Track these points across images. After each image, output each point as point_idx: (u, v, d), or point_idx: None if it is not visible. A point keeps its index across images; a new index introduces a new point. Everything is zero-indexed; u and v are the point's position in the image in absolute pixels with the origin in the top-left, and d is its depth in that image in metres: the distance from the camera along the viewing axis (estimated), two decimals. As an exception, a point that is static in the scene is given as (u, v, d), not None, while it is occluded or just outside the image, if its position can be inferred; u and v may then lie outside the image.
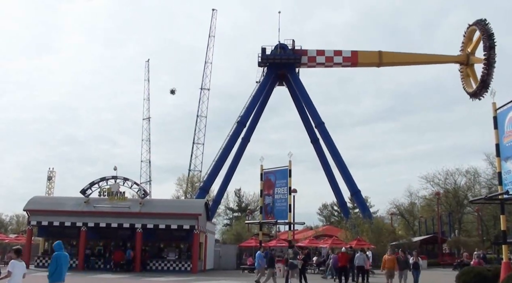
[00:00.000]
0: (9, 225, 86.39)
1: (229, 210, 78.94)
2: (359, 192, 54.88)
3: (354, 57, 57.87)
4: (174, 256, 36.74)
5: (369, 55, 58.25)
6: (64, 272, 12.53)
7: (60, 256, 12.57)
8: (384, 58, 58.03)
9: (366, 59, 58.31)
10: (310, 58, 57.98)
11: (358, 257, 28.05)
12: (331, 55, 57.78)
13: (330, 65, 58.91)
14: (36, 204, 37.63)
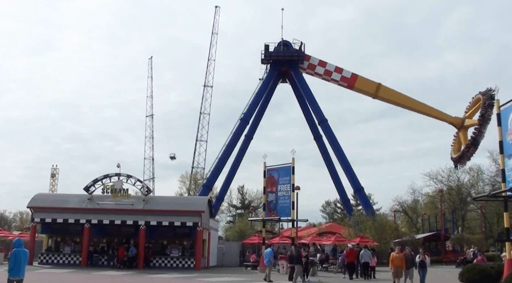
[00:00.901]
0: (13, 222, 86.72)
1: (232, 207, 79.03)
2: (362, 189, 54.84)
3: (352, 80, 56.59)
4: (177, 253, 36.79)
5: (367, 84, 56.78)
6: (22, 267, 13.09)
7: (19, 252, 13.10)
8: (381, 92, 56.49)
9: (363, 86, 56.81)
10: (310, 65, 57.55)
11: (363, 254, 29.04)
12: (331, 69, 56.90)
13: (327, 79, 58.09)
14: (39, 201, 37.77)
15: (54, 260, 37.09)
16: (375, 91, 56.58)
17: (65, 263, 36.73)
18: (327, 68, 57.27)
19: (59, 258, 37.24)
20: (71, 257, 37.14)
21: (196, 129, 68.83)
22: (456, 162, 53.48)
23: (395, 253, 22.16)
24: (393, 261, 21.82)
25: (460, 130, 52.91)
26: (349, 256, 29.72)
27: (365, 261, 28.98)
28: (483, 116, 47.95)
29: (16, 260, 13.02)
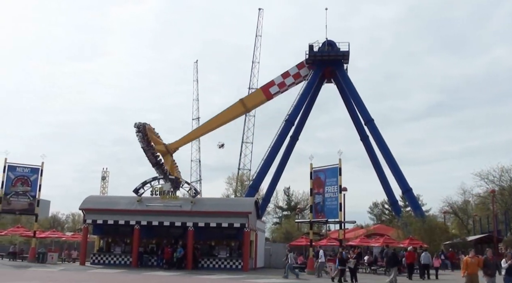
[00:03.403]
0: (65, 223, 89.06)
1: (279, 209, 78.82)
2: (410, 190, 53.84)
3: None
4: (225, 254, 37.02)
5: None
6: None
7: None
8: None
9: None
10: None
11: (424, 256, 31.17)
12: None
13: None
14: (91, 203, 38.69)
15: (105, 261, 37.91)
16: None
17: (116, 264, 37.48)
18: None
19: (110, 258, 38.04)
20: (122, 258, 37.87)
21: (242, 131, 69.24)
22: None
23: (468, 257, 18.31)
24: (468, 267, 18.01)
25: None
26: (409, 257, 31.00)
27: (424, 262, 30.77)
28: None
29: None
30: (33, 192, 39.62)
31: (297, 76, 58.17)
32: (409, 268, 31.04)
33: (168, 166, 56.57)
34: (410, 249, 32.49)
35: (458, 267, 42.01)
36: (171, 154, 58.70)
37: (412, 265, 31.23)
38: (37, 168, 39.70)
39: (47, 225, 69.55)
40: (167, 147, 57.97)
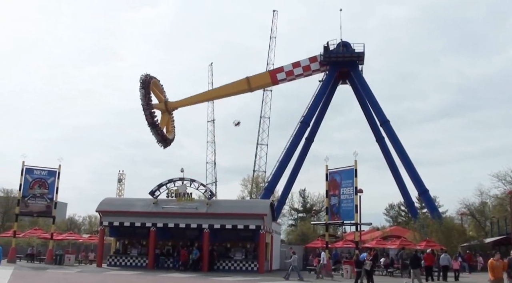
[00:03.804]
0: (82, 225, 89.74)
1: (294, 211, 78.67)
2: (427, 192, 53.30)
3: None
4: (240, 256, 37.08)
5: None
6: None
7: None
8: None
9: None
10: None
11: (443, 258, 31.52)
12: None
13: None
14: (107, 205, 38.97)
15: (122, 262, 38.13)
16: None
17: (132, 265, 37.68)
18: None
19: (126, 260, 38.26)
20: (138, 260, 38.06)
21: (257, 133, 69.24)
22: None
23: (494, 260, 17.65)
24: (493, 270, 17.35)
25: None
26: (427, 260, 30.83)
27: (444, 264, 31.10)
28: None
29: None
30: (51, 195, 39.98)
31: (307, 68, 57.96)
32: (427, 271, 30.87)
33: (164, 123, 59.00)
34: (428, 251, 32.29)
35: (475, 269, 41.64)
36: (170, 112, 60.31)
37: (430, 268, 31.06)
38: (54, 170, 40.07)
39: (64, 227, 70.16)
40: (167, 105, 59.51)
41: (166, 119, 59.87)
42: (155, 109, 57.62)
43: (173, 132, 60.86)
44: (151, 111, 56.25)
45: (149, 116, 56.12)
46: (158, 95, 59.12)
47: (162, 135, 57.86)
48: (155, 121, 56.61)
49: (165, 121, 59.56)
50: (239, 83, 59.47)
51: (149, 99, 56.43)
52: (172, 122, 61.12)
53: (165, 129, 59.53)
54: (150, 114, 56.17)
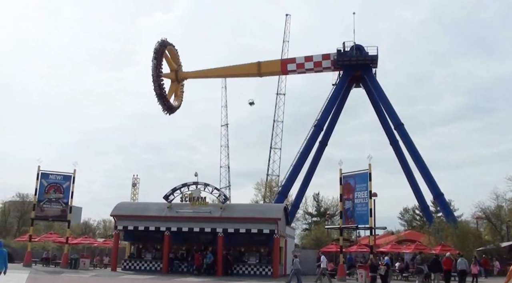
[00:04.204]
0: (97, 229, 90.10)
1: (308, 215, 78.35)
2: (442, 195, 52.85)
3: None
4: (254, 260, 36.97)
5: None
6: (1, 263, 17.00)
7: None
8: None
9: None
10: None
11: (460, 262, 31.05)
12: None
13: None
14: (122, 209, 39.15)
15: (136, 266, 38.24)
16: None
17: (147, 270, 37.78)
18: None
19: (141, 264, 38.37)
20: (153, 264, 38.15)
21: (270, 136, 69.26)
22: None
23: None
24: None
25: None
26: (446, 264, 30.68)
27: (461, 268, 30.51)
28: None
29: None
30: (66, 199, 40.26)
31: (318, 64, 57.96)
32: (446, 275, 30.64)
33: (172, 92, 61.66)
34: (447, 255, 32.03)
35: (491, 274, 41.20)
36: (180, 81, 62.53)
37: (449, 272, 30.87)
38: (69, 175, 40.35)
39: (79, 232, 70.51)
40: (178, 74, 61.94)
41: (175, 88, 62.25)
42: (165, 78, 60.02)
43: (180, 100, 63.03)
44: (160, 83, 58.49)
45: (158, 88, 58.40)
46: (171, 63, 61.16)
47: (168, 105, 60.40)
48: (163, 92, 58.94)
49: (173, 89, 62.05)
50: (250, 66, 60.38)
51: (160, 70, 58.60)
52: (181, 90, 63.32)
53: (173, 96, 61.87)
54: (159, 86, 58.39)
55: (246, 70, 60.92)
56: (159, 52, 58.27)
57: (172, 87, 62.24)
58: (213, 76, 65.44)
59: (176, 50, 62.21)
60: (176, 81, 62.21)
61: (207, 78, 65.35)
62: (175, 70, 61.58)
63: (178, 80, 62.41)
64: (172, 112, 62.31)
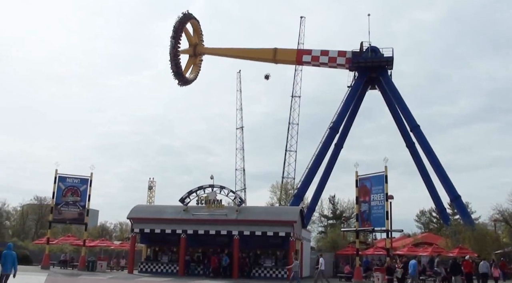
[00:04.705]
0: (113, 232, 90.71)
1: (324, 218, 78.00)
2: (459, 198, 52.35)
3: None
4: (270, 263, 36.96)
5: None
6: (9, 266, 17.54)
7: (6, 254, 17.63)
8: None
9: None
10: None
11: (482, 265, 31.26)
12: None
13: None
14: (138, 212, 39.37)
15: (152, 269, 38.45)
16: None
17: (163, 272, 37.95)
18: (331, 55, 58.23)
19: (157, 267, 38.56)
20: (169, 266, 38.32)
21: (285, 139, 69.18)
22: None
23: None
24: None
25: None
26: (466, 267, 30.48)
27: (483, 271, 30.78)
28: None
29: (4, 260, 17.51)
30: (83, 202, 40.58)
31: (333, 60, 57.89)
32: (467, 278, 30.37)
33: (189, 67, 63.88)
34: (467, 258, 31.64)
35: (510, 277, 40.68)
36: (197, 56, 64.04)
37: (470, 275, 30.52)
38: (86, 178, 40.68)
39: (96, 234, 71.00)
40: (196, 49, 63.55)
41: (192, 62, 63.93)
42: (183, 54, 61.73)
43: (196, 72, 64.76)
44: (177, 62, 60.22)
45: (175, 67, 60.40)
46: (190, 37, 62.59)
47: (184, 80, 62.61)
48: (180, 70, 60.90)
49: (190, 64, 63.83)
50: (266, 51, 61.04)
51: (178, 48, 60.06)
52: (198, 64, 64.94)
53: (189, 70, 63.71)
54: (176, 65, 60.21)
55: (263, 54, 61.43)
56: (178, 30, 59.33)
57: (189, 62, 63.96)
58: (230, 55, 65.29)
59: (199, 24, 63.51)
60: (193, 56, 63.78)
61: (224, 56, 65.52)
62: (194, 45, 63.04)
63: (196, 54, 63.86)
64: (187, 84, 64.29)
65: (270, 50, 60.18)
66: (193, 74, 64.52)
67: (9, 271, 17.53)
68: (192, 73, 64.50)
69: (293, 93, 69.95)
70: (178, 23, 59.42)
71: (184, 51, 62.21)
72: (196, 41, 63.48)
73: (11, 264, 17.49)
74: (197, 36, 63.74)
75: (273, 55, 60.02)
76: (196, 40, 63.62)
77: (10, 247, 18.08)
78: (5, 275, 17.60)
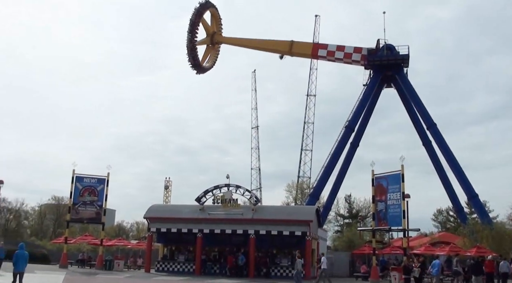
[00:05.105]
0: (130, 231, 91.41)
1: (340, 217, 77.86)
2: (476, 196, 51.81)
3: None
4: (286, 262, 36.93)
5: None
6: (21, 264, 18.34)
7: (18, 253, 18.41)
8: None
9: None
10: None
11: (502, 265, 30.52)
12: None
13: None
14: (155, 212, 39.62)
15: (169, 268, 38.65)
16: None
17: (180, 271, 38.14)
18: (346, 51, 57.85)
19: (174, 266, 38.75)
20: (185, 265, 38.50)
21: (300, 138, 69.06)
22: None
23: None
24: None
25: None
26: (488, 267, 30.16)
27: (503, 271, 30.11)
28: None
29: (16, 259, 18.25)
30: (100, 202, 40.88)
31: (348, 55, 57.59)
32: (488, 278, 30.04)
33: (206, 56, 64.21)
34: (490, 258, 31.23)
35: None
36: (214, 45, 64.19)
37: (491, 275, 30.22)
38: (103, 178, 40.97)
39: (113, 234, 71.68)
40: (213, 39, 63.72)
41: (209, 52, 64.30)
42: (200, 45, 62.06)
43: (213, 61, 65.06)
44: (194, 54, 60.66)
45: (192, 59, 60.79)
46: (207, 27, 62.79)
47: (201, 70, 63.33)
48: (197, 62, 61.41)
49: (207, 53, 64.23)
50: (282, 43, 61.06)
51: (195, 41, 60.22)
52: (216, 53, 65.19)
53: (207, 59, 64.18)
54: (193, 57, 60.62)
55: (279, 46, 61.36)
56: (196, 20, 59.61)
57: (207, 51, 64.36)
58: (247, 46, 65.24)
59: (218, 12, 63.77)
60: (211, 45, 64.14)
61: (241, 46, 65.62)
62: (211, 34, 63.25)
63: (213, 43, 64.11)
64: (204, 72, 64.81)
65: (286, 42, 60.16)
66: (209, 63, 64.91)
67: (21, 269, 18.21)
68: (209, 61, 64.86)
69: (308, 92, 69.82)
70: (194, 16, 59.63)
71: (201, 42, 62.40)
72: (214, 30, 63.60)
73: (24, 262, 18.17)
74: (215, 24, 63.82)
75: (289, 47, 59.92)
76: (214, 28, 63.72)
77: (22, 247, 18.79)
78: (17, 273, 18.26)
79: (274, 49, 62.56)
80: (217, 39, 64.03)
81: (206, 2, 60.69)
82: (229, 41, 64.69)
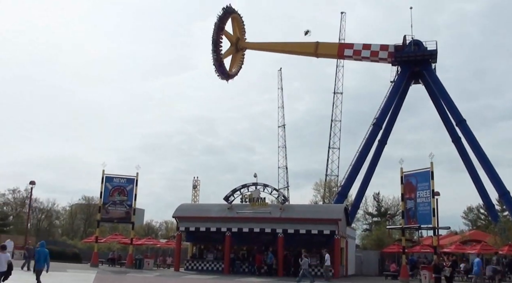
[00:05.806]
0: (159, 230, 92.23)
1: (368, 215, 77.26)
2: (508, 193, 50.86)
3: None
4: (315, 261, 36.80)
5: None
6: (42, 262, 18.75)
7: (39, 251, 18.98)
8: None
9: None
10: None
11: None
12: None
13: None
14: (183, 211, 39.95)
15: (198, 267, 38.91)
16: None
17: (209, 270, 38.37)
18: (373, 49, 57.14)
19: (203, 265, 39.01)
20: (214, 264, 38.71)
21: (327, 136, 68.65)
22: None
23: None
24: None
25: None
26: None
27: None
28: None
29: (38, 256, 18.92)
30: (129, 201, 41.35)
31: (375, 54, 57.02)
32: None
33: (233, 64, 64.72)
34: None
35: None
36: (239, 51, 64.77)
37: None
38: (132, 178, 41.45)
39: (142, 233, 72.42)
40: (238, 44, 64.03)
41: (235, 59, 65.08)
42: (226, 57, 62.78)
43: (239, 67, 65.78)
44: (222, 70, 61.82)
45: (221, 74, 62.22)
46: (230, 37, 63.21)
47: (229, 77, 64.27)
48: (224, 71, 62.31)
49: (233, 61, 65.02)
50: (307, 45, 61.03)
51: (219, 51, 60.71)
52: (241, 58, 65.88)
53: (233, 65, 64.81)
54: (222, 72, 61.93)
55: (304, 48, 61.28)
56: (219, 32, 59.94)
57: (233, 59, 64.83)
58: (272, 50, 65.37)
59: (241, 18, 63.77)
60: (236, 52, 64.50)
61: (266, 51, 65.94)
62: (235, 42, 63.56)
63: (238, 50, 64.44)
64: (232, 78, 65.49)
65: (311, 44, 59.91)
66: (236, 68, 65.31)
67: (42, 267, 18.78)
68: (235, 67, 65.24)
69: (335, 90, 69.33)
70: (215, 33, 59.85)
71: (226, 55, 62.60)
72: (237, 36, 63.66)
73: (44, 260, 18.72)
74: (238, 30, 63.73)
75: (314, 49, 59.61)
76: (238, 34, 63.73)
77: (43, 245, 19.41)
78: (38, 270, 18.94)
79: (300, 52, 62.72)
80: (241, 45, 64.23)
81: (228, 8, 60.71)
82: (253, 46, 64.97)
